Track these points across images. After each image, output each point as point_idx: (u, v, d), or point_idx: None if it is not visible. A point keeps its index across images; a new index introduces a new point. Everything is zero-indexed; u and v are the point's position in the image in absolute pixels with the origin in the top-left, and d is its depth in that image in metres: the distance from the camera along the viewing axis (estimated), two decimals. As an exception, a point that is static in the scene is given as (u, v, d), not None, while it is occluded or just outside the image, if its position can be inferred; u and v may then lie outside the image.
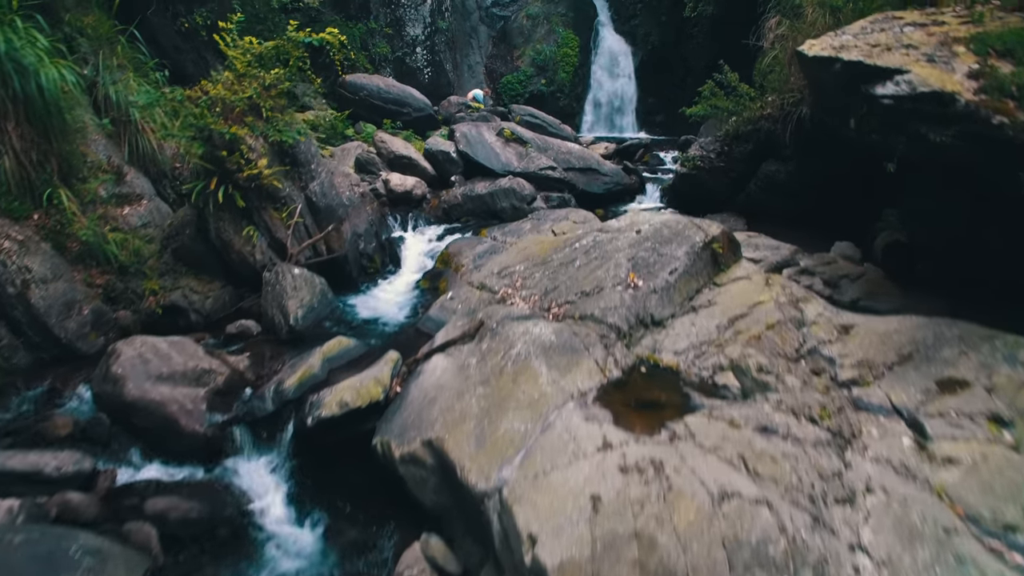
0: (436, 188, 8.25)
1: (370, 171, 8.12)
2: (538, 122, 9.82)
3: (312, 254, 5.55)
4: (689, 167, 7.72)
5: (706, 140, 7.82)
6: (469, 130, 8.46)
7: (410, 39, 16.56)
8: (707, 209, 7.78)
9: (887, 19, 3.45)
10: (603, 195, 8.24)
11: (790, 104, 6.32)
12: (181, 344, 4.07)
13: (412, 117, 9.70)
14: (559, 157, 8.32)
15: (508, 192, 7.47)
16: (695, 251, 4.08)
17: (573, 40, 18.57)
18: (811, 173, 6.61)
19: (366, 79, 9.81)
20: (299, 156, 5.48)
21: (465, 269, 5.74)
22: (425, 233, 7.44)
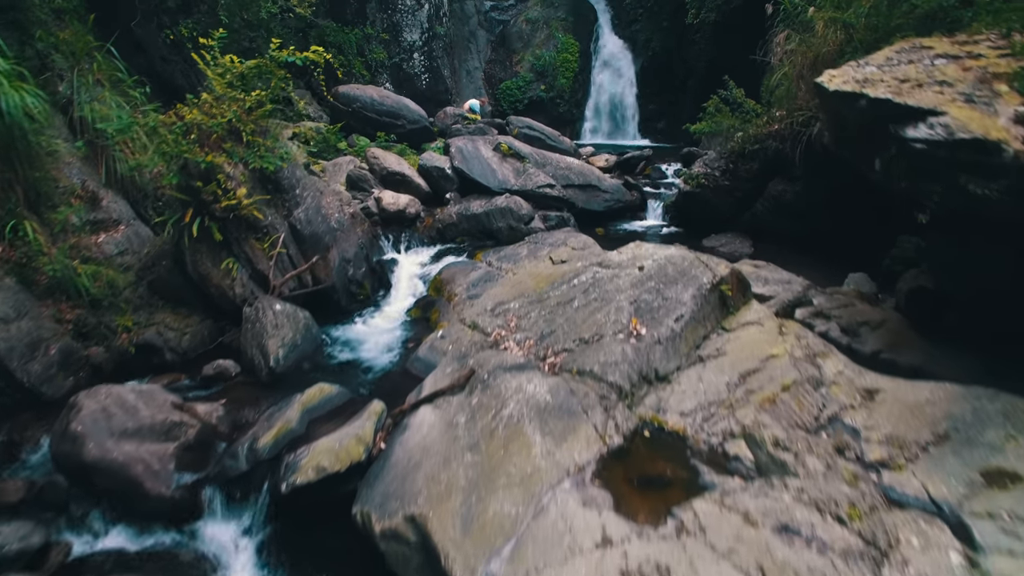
0: (430, 205, 7.94)
1: (362, 188, 7.81)
2: (537, 134, 9.51)
3: (297, 285, 5.25)
4: (693, 185, 7.41)
5: (710, 157, 7.51)
6: (465, 145, 8.15)
7: (407, 45, 16.24)
8: (711, 228, 7.48)
9: (915, 49, 3.13)
10: (603, 213, 7.93)
11: (799, 123, 6.01)
12: (150, 394, 3.77)
13: (407, 129, 9.39)
14: (558, 173, 8.01)
15: (505, 212, 7.16)
16: (702, 294, 3.77)
17: (573, 45, 18.24)
18: (820, 194, 6.30)
19: (359, 90, 9.50)
20: (283, 182, 5.18)
21: (458, 299, 5.44)
22: (418, 255, 7.14)
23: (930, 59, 2.95)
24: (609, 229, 7.86)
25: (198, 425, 3.74)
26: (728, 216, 7.36)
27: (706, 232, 7.44)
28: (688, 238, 7.55)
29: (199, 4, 7.71)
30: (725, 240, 6.97)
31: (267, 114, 5.16)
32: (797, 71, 5.94)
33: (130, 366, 4.58)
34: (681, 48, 15.36)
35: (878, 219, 5.66)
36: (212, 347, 4.91)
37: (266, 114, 5.14)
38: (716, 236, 7.16)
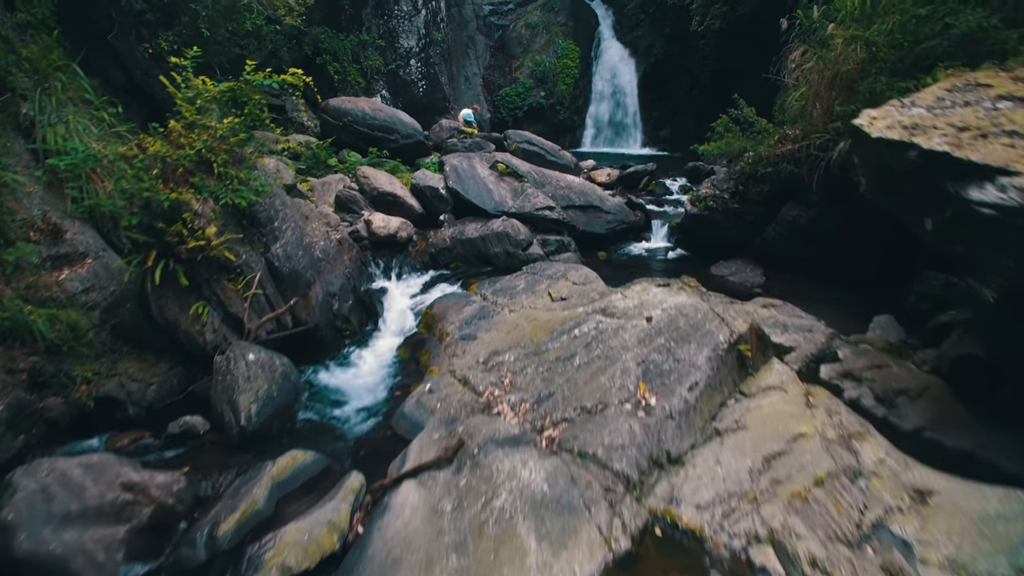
0: (424, 227, 7.52)
1: (351, 210, 7.39)
2: (536, 149, 9.08)
3: (275, 327, 4.83)
4: (700, 207, 6.98)
5: (718, 178, 7.08)
6: (460, 163, 7.72)
7: (404, 51, 15.81)
8: (719, 253, 7.06)
9: (969, 87, 2.70)
10: (605, 235, 7.50)
11: (816, 146, 5.58)
12: (100, 467, 3.35)
13: (400, 144, 8.97)
14: (558, 193, 7.59)
15: (501, 237, 6.73)
16: (718, 355, 3.35)
17: (573, 51, 17.80)
18: (839, 221, 5.88)
19: (350, 103, 9.08)
20: (259, 215, 4.75)
21: (450, 339, 5.01)
22: (410, 282, 6.72)
23: (991, 101, 2.52)
24: (611, 253, 7.43)
25: (155, 501, 3.32)
26: (737, 241, 6.93)
27: (714, 257, 7.01)
28: (695, 263, 7.13)
29: (180, 16, 7.29)
30: (735, 268, 6.54)
31: (242, 142, 4.73)
32: (814, 90, 5.51)
33: (89, 420, 4.17)
34: (685, 55, 14.93)
35: (901, 249, 5.25)
36: (182, 397, 4.49)
37: (241, 142, 4.72)
38: (725, 263, 6.74)
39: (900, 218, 2.83)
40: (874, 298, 5.56)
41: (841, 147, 5.23)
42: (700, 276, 6.53)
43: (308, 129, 13.04)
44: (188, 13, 7.21)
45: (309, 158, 8.70)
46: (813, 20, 5.48)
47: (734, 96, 6.82)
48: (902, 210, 2.78)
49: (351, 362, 5.27)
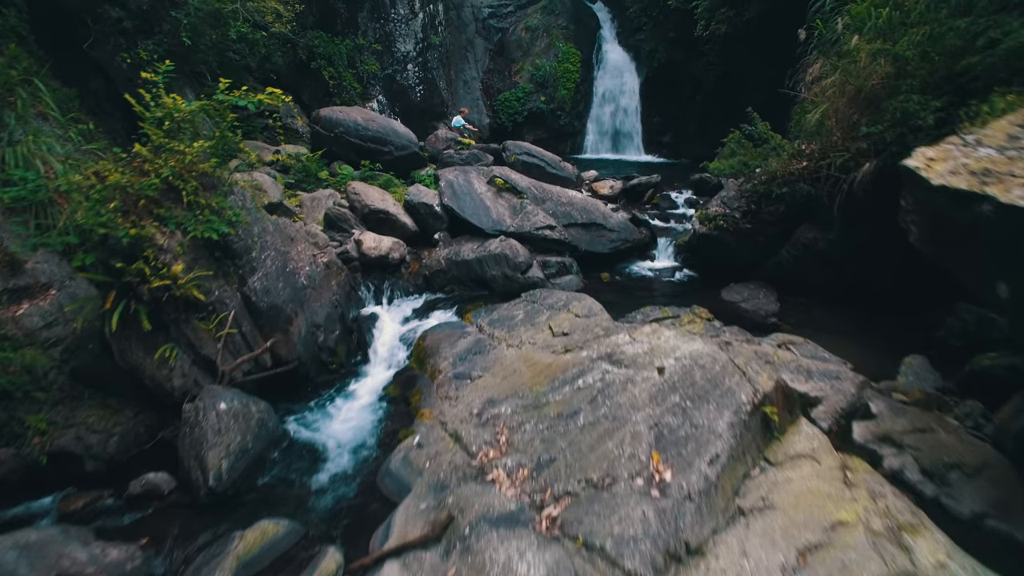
0: (418, 245, 7.12)
1: (341, 228, 6.99)
2: (536, 161, 8.68)
3: (253, 367, 4.44)
4: (710, 227, 6.58)
5: (729, 196, 6.67)
6: (456, 178, 7.32)
7: (401, 55, 15.39)
8: (730, 275, 6.66)
9: (1044, 124, 2.29)
10: (609, 255, 7.10)
11: (837, 167, 5.18)
12: (40, 547, 2.96)
13: (394, 156, 8.56)
14: (559, 210, 7.18)
15: (499, 259, 6.33)
16: (741, 420, 2.95)
17: (574, 54, 17.38)
18: (859, 244, 5.48)
19: (342, 113, 8.67)
20: (234, 245, 4.35)
21: (442, 378, 4.62)
22: (402, 308, 6.32)
23: (1075, 144, 2.11)
24: (615, 273, 7.03)
25: (104, 585, 2.94)
26: (749, 263, 6.53)
27: (724, 279, 6.61)
28: (704, 286, 6.72)
29: (160, 24, 6.89)
30: (747, 293, 6.14)
31: (216, 165, 4.33)
32: (834, 106, 5.11)
33: (43, 477, 3.78)
34: (689, 60, 14.50)
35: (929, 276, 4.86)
36: (149, 446, 4.11)
37: (215, 166, 4.31)
38: (736, 287, 6.33)
39: (960, 276, 2.44)
40: (898, 328, 5.17)
41: (866, 168, 4.82)
42: (710, 302, 6.15)
43: (303, 136, 12.64)
44: (169, 21, 6.81)
45: (299, 171, 8.30)
46: (835, 32, 5.06)
47: (747, 110, 6.40)
48: (965, 268, 2.39)
49: (336, 402, 4.87)
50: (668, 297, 6.31)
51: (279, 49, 14.60)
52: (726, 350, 3.51)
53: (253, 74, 14.90)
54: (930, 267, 5.07)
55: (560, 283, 6.42)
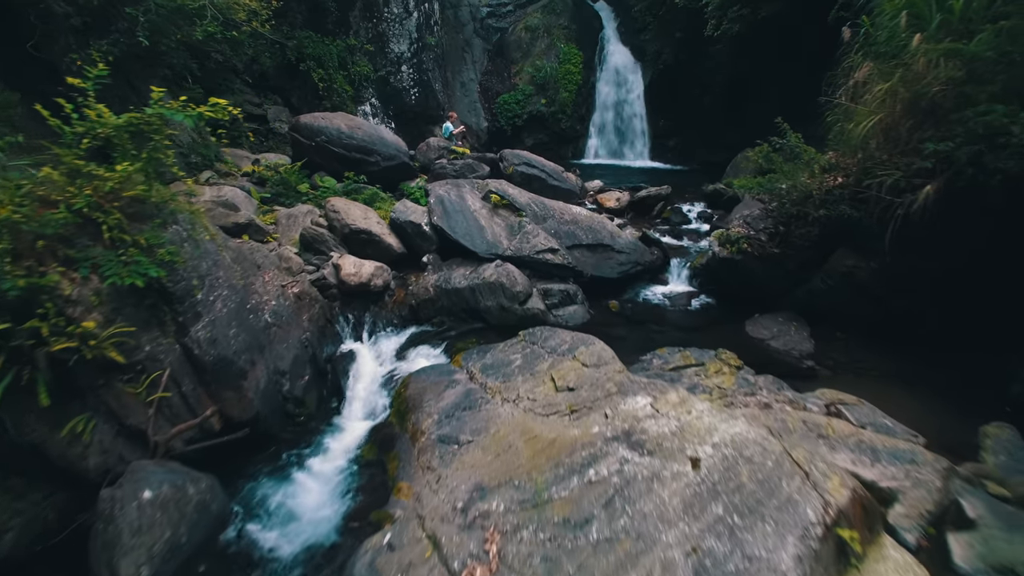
0: (405, 268, 6.35)
1: (319, 250, 6.22)
2: (536, 172, 7.91)
3: (198, 434, 3.67)
4: (731, 250, 5.81)
5: (753, 215, 5.90)
6: (447, 194, 6.55)
7: (394, 56, 14.62)
8: (754, 304, 5.89)
9: None
10: (618, 280, 6.33)
11: (888, 188, 4.40)
12: None
13: (381, 167, 7.80)
14: (562, 229, 6.41)
15: (494, 288, 5.57)
16: (810, 549, 2.18)
17: (576, 55, 16.60)
18: (910, 276, 4.73)
19: (325, 120, 7.90)
20: (171, 289, 3.58)
21: (425, 440, 3.85)
22: (385, 343, 5.55)
23: None
24: (625, 301, 6.26)
25: None
26: (777, 291, 5.76)
27: (747, 308, 5.85)
28: (725, 316, 5.95)
29: (117, 22, 6.12)
30: (776, 328, 5.37)
31: (148, 190, 3.56)
32: (885, 117, 4.34)
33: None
34: (696, 61, 13.74)
35: (988, 303, 4.13)
36: (62, 536, 3.34)
37: (147, 191, 3.54)
38: (763, 320, 5.57)
39: None
40: (960, 376, 4.42)
41: (927, 191, 4.06)
42: (734, 337, 5.39)
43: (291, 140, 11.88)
44: (125, 19, 6.05)
45: (276, 183, 7.53)
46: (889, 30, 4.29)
47: (776, 120, 5.63)
48: None
49: (302, 465, 4.10)
50: (686, 332, 5.55)
51: (267, 50, 13.84)
52: (779, 437, 2.75)
53: (240, 76, 14.22)
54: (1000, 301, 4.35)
55: (563, 315, 5.65)
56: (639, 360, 4.67)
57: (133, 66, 6.79)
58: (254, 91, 14.19)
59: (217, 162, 8.84)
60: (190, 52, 10.84)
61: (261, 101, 14.11)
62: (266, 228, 6.51)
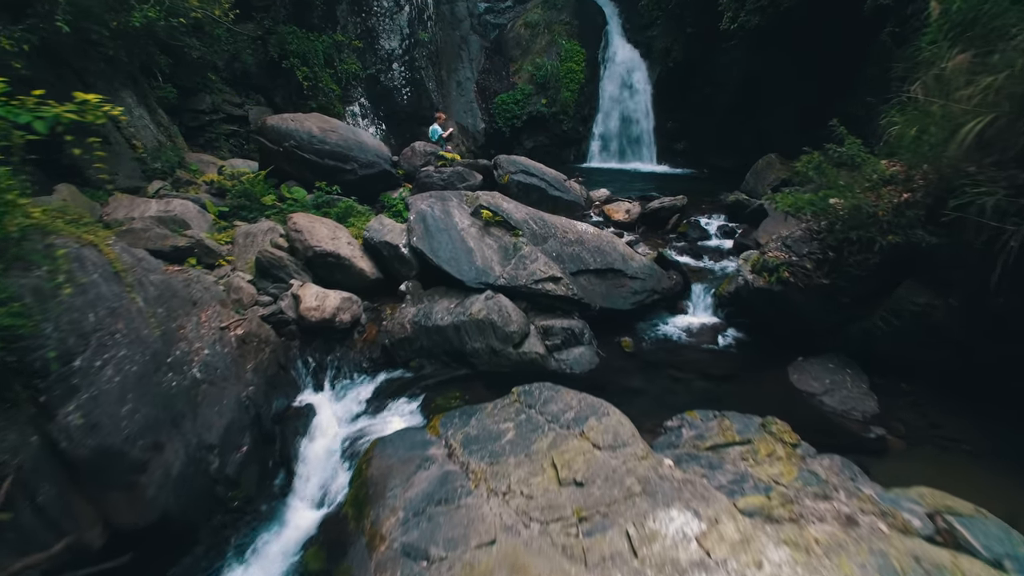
0: (379, 297, 5.34)
1: (277, 277, 5.21)
2: (535, 182, 6.89)
3: (68, 556, 2.66)
4: (770, 280, 4.79)
5: (795, 236, 4.87)
6: (430, 209, 5.54)
7: (385, 53, 13.58)
8: (797, 344, 4.87)
9: None
10: (631, 311, 5.31)
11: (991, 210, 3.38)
12: None
13: (358, 176, 6.79)
14: (565, 251, 5.40)
15: (484, 327, 4.56)
16: None
17: (578, 53, 15.56)
18: (1007, 320, 3.71)
19: (295, 122, 6.87)
20: (27, 360, 2.57)
21: (385, 552, 2.84)
22: (350, 395, 4.54)
23: None
24: (640, 337, 5.24)
25: None
26: (824, 328, 4.75)
27: (788, 348, 4.83)
28: (761, 357, 4.93)
29: (35, 4, 5.09)
30: (827, 378, 4.36)
31: None
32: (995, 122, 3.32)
33: None
34: (708, 58, 12.68)
35: None
36: None
37: None
38: (809, 364, 4.55)
39: None
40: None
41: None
42: (777, 391, 4.37)
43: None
44: (44, 2, 5.03)
45: (238, 195, 6.52)
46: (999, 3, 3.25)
47: (830, 122, 4.61)
48: None
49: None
50: (717, 382, 4.53)
51: (247, 46, 12.84)
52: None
53: (220, 74, 13.20)
54: None
55: (567, 360, 4.64)
56: (664, 428, 3.66)
57: (70, 56, 5.78)
58: (235, 90, 13.17)
59: (180, 169, 7.85)
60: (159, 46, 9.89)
61: (242, 101, 13.08)
62: (218, 249, 5.50)
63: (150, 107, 9.79)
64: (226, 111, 12.57)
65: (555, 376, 4.53)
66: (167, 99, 10.45)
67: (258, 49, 12.95)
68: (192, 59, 11.22)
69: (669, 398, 4.27)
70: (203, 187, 7.03)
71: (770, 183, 8.68)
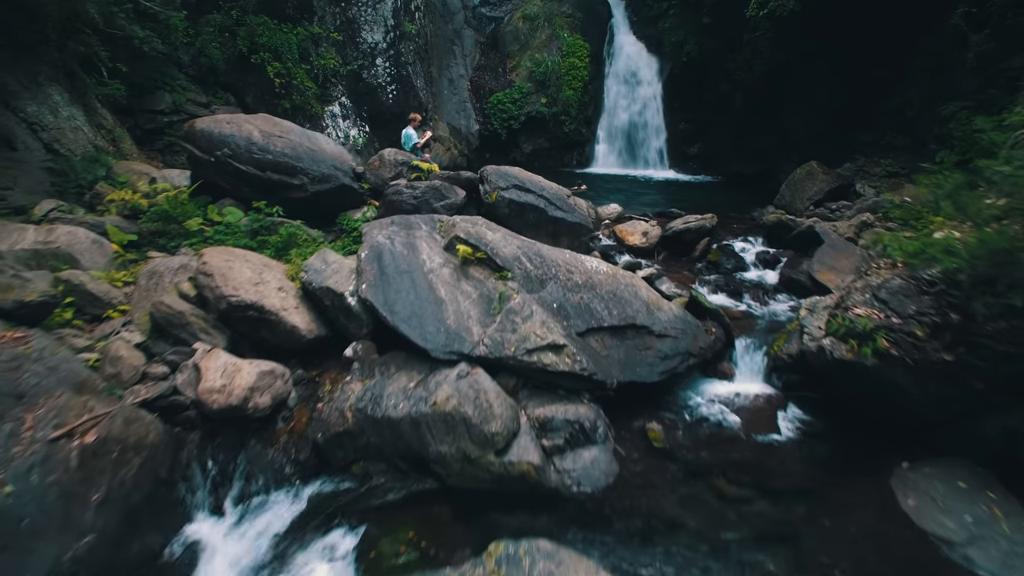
0: (320, 362, 3.92)
1: (178, 339, 3.78)
2: (531, 200, 5.43)
3: None
4: (862, 351, 3.34)
5: (892, 287, 3.42)
6: (389, 242, 4.09)
7: (367, 48, 12.10)
8: (898, 436, 3.46)
9: None
10: (660, 383, 3.86)
11: None
12: None
13: (310, 192, 5.33)
14: (570, 300, 3.95)
15: (453, 423, 3.12)
16: None
17: (581, 47, 14.04)
18: None
19: (231, 125, 5.39)
20: None
21: None
22: (259, 525, 3.10)
23: None
24: (671, 422, 3.79)
25: None
26: (939, 417, 3.32)
27: (884, 444, 3.40)
28: (846, 454, 3.48)
29: None
30: (967, 514, 2.89)
31: None
32: None
33: None
34: (727, 52, 11.19)
35: None
36: None
37: None
38: (923, 476, 3.11)
39: None
40: None
41: None
42: (883, 525, 2.92)
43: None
44: None
45: (154, 217, 5.06)
46: None
47: (974, 129, 3.15)
48: None
49: None
50: (787, 505, 3.08)
51: (214, 39, 11.39)
52: None
53: (185, 70, 11.76)
54: None
55: (573, 472, 3.19)
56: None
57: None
58: (201, 88, 11.72)
59: (102, 181, 6.42)
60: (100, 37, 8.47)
61: (209, 100, 11.61)
62: (107, 296, 4.06)
63: (88, 106, 8.35)
64: (189, 111, 11.08)
65: (556, 497, 3.10)
66: (114, 97, 9.02)
67: (226, 43, 11.51)
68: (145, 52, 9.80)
69: (719, 537, 2.83)
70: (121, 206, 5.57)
71: (812, 197, 7.23)
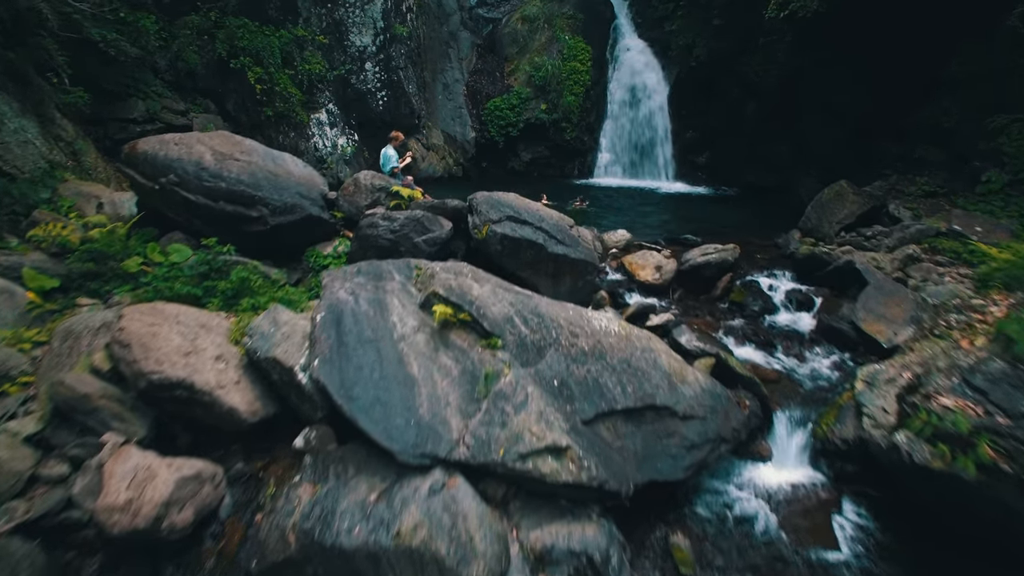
0: (268, 450, 3.15)
1: (86, 427, 3.01)
2: (528, 234, 4.64)
3: None
4: (966, 464, 2.56)
5: (991, 370, 2.65)
6: (352, 298, 3.31)
7: (356, 51, 11.30)
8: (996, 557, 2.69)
9: None
10: (683, 481, 3.09)
11: None
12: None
13: (270, 225, 4.54)
14: (574, 374, 3.17)
15: (421, 562, 2.32)
16: None
17: (583, 50, 13.23)
18: None
19: (179, 148, 4.57)
20: None
21: None
22: None
23: None
24: (700, 529, 3.02)
25: None
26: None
27: (982, 567, 2.64)
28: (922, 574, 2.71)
29: None
30: None
31: None
32: None
33: None
34: (739, 56, 10.39)
35: None
36: None
37: None
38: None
39: None
40: None
41: None
42: None
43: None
44: None
45: (85, 256, 4.28)
46: None
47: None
48: None
49: None
50: None
51: (191, 42, 10.59)
52: None
53: (161, 76, 10.98)
54: None
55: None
56: None
57: None
58: (179, 95, 10.94)
59: (43, 206, 5.63)
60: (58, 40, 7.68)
61: (187, 108, 10.82)
62: (3, 368, 3.29)
63: (44, 116, 7.56)
64: (165, 120, 10.31)
65: (558, 665, 2.33)
66: (73, 105, 8.23)
67: (205, 46, 10.72)
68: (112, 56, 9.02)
69: None
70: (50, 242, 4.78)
71: (842, 221, 6.44)
